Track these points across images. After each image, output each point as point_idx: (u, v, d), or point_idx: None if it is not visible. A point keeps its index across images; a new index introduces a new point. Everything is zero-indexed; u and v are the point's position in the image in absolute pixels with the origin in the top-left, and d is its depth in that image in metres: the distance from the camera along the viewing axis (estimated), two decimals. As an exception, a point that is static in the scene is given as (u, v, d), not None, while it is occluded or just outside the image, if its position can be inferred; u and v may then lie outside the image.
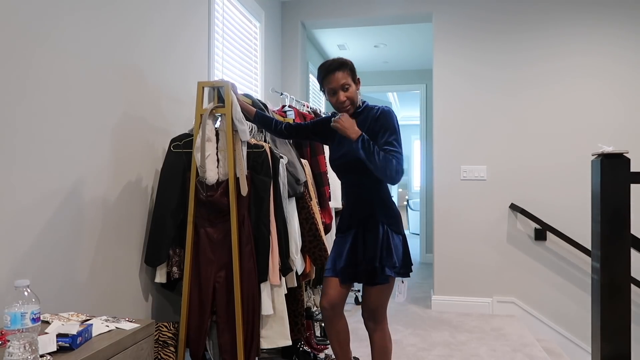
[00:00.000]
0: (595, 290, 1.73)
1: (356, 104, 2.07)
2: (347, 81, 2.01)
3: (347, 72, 2.02)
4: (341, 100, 2.02)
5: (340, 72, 2.01)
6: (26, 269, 1.60)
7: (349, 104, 2.03)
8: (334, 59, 2.04)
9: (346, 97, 2.02)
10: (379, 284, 2.01)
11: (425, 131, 6.21)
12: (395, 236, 2.03)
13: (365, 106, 2.09)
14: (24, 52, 1.59)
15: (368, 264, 2.00)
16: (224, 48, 3.15)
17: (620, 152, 1.68)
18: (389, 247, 1.99)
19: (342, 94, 2.01)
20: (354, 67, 2.07)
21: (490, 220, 3.99)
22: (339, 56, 2.10)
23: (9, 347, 1.15)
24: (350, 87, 2.02)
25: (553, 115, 3.92)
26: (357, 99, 2.07)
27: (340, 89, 2.01)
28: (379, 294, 2.04)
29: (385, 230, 2.01)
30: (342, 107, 2.04)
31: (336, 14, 4.30)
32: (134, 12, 2.17)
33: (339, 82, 2.00)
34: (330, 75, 2.01)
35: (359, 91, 2.09)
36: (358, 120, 2.05)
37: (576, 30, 3.88)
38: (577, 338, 3.82)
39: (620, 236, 1.68)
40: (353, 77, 2.05)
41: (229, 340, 2.11)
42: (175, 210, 2.20)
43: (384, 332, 2.09)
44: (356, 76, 2.08)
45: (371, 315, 2.08)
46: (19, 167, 1.57)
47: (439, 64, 4.10)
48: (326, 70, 2.03)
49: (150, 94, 2.30)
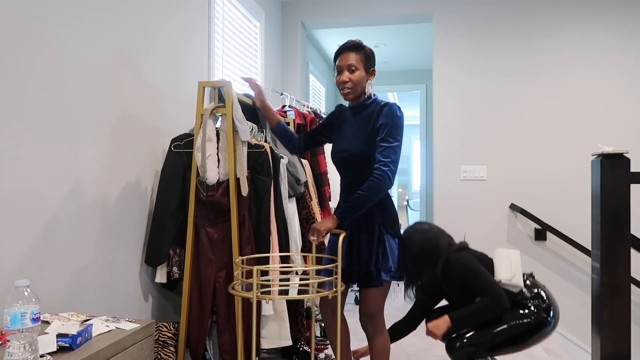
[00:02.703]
0: (595, 290, 1.73)
1: (360, 91, 1.98)
2: (355, 63, 1.94)
3: (361, 56, 1.95)
4: (343, 79, 1.95)
5: (353, 53, 1.95)
6: (26, 269, 1.60)
7: (350, 86, 1.95)
8: (351, 40, 1.98)
9: (349, 79, 1.94)
10: (374, 287, 1.97)
11: (425, 131, 6.21)
12: (391, 239, 1.97)
13: (373, 100, 2.00)
14: (24, 52, 1.59)
15: (362, 267, 1.95)
16: (224, 48, 3.15)
17: (620, 152, 1.68)
18: (384, 250, 1.94)
19: (346, 74, 1.95)
20: (370, 55, 1.99)
21: (490, 220, 3.99)
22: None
23: (9, 347, 1.15)
24: (358, 71, 1.94)
25: (553, 115, 3.92)
26: (366, 89, 1.99)
27: (346, 68, 1.95)
28: (376, 297, 1.99)
29: (380, 232, 1.96)
30: (342, 89, 1.97)
31: (336, 14, 4.29)
32: (134, 12, 2.17)
33: (347, 62, 1.94)
34: (342, 53, 1.96)
35: (370, 83, 2.00)
36: (364, 113, 1.99)
37: (577, 30, 3.88)
38: (577, 338, 3.82)
39: (620, 236, 1.68)
40: (366, 64, 1.97)
41: (229, 340, 2.11)
42: (175, 210, 2.20)
43: (383, 334, 2.05)
44: (371, 65, 1.99)
45: (369, 319, 2.02)
46: (19, 167, 1.57)
47: (439, 63, 4.10)
48: (341, 47, 1.98)
49: (150, 94, 2.30)
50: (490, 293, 1.93)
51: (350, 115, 2.06)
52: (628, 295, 1.67)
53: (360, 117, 2.00)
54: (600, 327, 1.68)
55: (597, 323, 1.71)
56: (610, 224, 1.69)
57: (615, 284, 1.67)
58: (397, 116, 1.91)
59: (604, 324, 1.68)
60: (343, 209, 1.90)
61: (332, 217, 1.90)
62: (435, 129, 4.12)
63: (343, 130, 2.06)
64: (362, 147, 1.95)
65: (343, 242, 1.88)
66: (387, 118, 1.91)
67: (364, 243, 1.96)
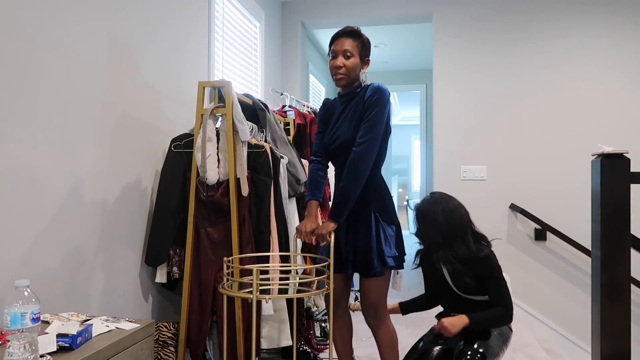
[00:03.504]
0: (595, 290, 1.73)
1: (353, 79, 1.96)
2: (351, 49, 1.91)
3: (357, 44, 1.93)
4: (337, 64, 1.92)
5: (350, 39, 1.93)
6: (26, 269, 1.60)
7: (344, 72, 1.92)
8: (349, 26, 1.97)
9: (343, 64, 1.91)
10: (375, 277, 1.93)
11: (425, 131, 6.21)
12: (388, 226, 1.95)
13: (364, 87, 1.97)
14: (24, 51, 1.59)
15: (360, 256, 1.92)
16: (224, 48, 3.15)
17: (620, 152, 1.68)
18: (381, 238, 1.92)
19: (340, 59, 1.92)
20: (366, 43, 1.97)
21: (490, 220, 3.99)
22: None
23: (9, 347, 1.15)
24: (353, 58, 1.92)
25: (553, 115, 3.92)
26: (359, 77, 1.97)
27: (341, 53, 1.92)
28: (378, 288, 1.96)
29: (377, 219, 1.93)
30: (335, 74, 1.94)
31: (336, 14, 4.29)
32: (134, 11, 2.17)
33: (342, 47, 1.91)
34: (338, 38, 1.94)
35: (365, 72, 1.99)
36: (353, 101, 1.97)
37: (577, 30, 3.88)
38: (577, 338, 3.82)
39: (620, 236, 1.68)
40: (361, 51, 1.95)
41: (229, 340, 2.11)
42: (175, 210, 2.20)
43: (388, 326, 2.02)
44: (366, 54, 1.98)
45: (372, 312, 2.00)
46: (19, 167, 1.57)
47: (439, 63, 4.10)
48: (338, 32, 1.96)
49: (150, 94, 2.30)
50: (506, 304, 1.93)
51: (339, 105, 2.04)
52: (628, 295, 1.67)
53: (349, 105, 1.98)
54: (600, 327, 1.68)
55: (597, 323, 1.71)
56: (610, 224, 1.69)
57: (615, 284, 1.67)
58: (375, 95, 1.89)
59: (604, 324, 1.68)
60: (333, 209, 1.90)
61: (329, 220, 1.90)
62: (435, 129, 4.12)
63: (335, 121, 2.03)
64: (353, 133, 1.92)
65: (340, 230, 1.92)
66: (369, 97, 1.90)
67: (361, 232, 1.93)
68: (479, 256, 1.93)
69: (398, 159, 10.88)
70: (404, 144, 11.22)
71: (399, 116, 10.32)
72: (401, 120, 10.72)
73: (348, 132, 1.94)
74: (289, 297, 2.17)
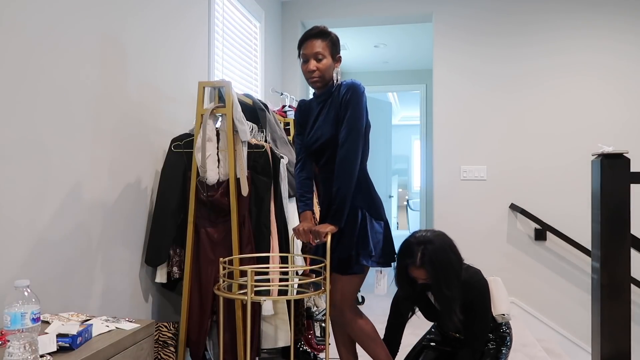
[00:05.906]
0: (595, 290, 1.73)
1: (328, 79, 1.93)
2: (322, 51, 1.88)
3: (327, 43, 1.90)
4: (310, 69, 1.89)
5: (318, 40, 1.89)
6: (26, 269, 1.60)
7: (318, 75, 1.90)
8: (316, 26, 1.93)
9: (316, 68, 1.89)
10: (353, 274, 1.88)
11: (425, 131, 6.21)
12: (375, 223, 1.91)
13: (338, 85, 1.95)
14: (24, 51, 1.59)
15: (342, 252, 1.88)
16: (224, 48, 3.15)
17: (620, 152, 1.69)
18: (366, 234, 1.88)
19: (313, 62, 1.89)
20: (336, 41, 1.95)
21: (490, 220, 3.99)
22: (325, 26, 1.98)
23: (9, 347, 1.15)
24: (325, 59, 1.89)
25: (553, 115, 3.92)
26: (333, 76, 1.94)
27: (312, 57, 1.89)
28: (347, 284, 1.90)
29: (363, 215, 1.90)
30: (310, 78, 1.92)
31: (336, 14, 4.29)
32: (133, 11, 2.17)
33: (312, 50, 1.88)
34: (307, 41, 1.91)
35: (338, 69, 1.96)
36: (329, 101, 1.95)
37: (576, 30, 3.88)
38: (577, 338, 3.82)
39: (620, 236, 1.69)
40: (332, 51, 1.92)
41: (229, 340, 2.11)
42: (175, 210, 2.20)
43: (357, 322, 1.93)
44: (337, 52, 1.95)
45: (337, 310, 1.92)
46: (19, 167, 1.57)
47: (439, 64, 4.10)
48: (306, 34, 1.92)
49: (150, 94, 2.30)
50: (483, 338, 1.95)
51: (316, 106, 2.02)
52: (628, 295, 1.67)
53: (326, 104, 1.97)
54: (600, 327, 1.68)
55: (597, 323, 1.71)
56: (610, 224, 1.69)
57: (615, 284, 1.67)
58: (351, 88, 1.88)
59: (604, 324, 1.68)
60: (333, 213, 1.86)
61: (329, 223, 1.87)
62: (435, 129, 4.12)
63: (313, 122, 2.01)
64: (333, 131, 1.91)
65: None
66: (344, 95, 1.88)
67: (346, 228, 1.90)
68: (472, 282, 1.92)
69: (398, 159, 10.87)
70: (404, 144, 11.21)
71: (399, 116, 10.30)
72: (401, 120, 10.72)
73: (328, 131, 1.92)
74: (284, 298, 2.16)
